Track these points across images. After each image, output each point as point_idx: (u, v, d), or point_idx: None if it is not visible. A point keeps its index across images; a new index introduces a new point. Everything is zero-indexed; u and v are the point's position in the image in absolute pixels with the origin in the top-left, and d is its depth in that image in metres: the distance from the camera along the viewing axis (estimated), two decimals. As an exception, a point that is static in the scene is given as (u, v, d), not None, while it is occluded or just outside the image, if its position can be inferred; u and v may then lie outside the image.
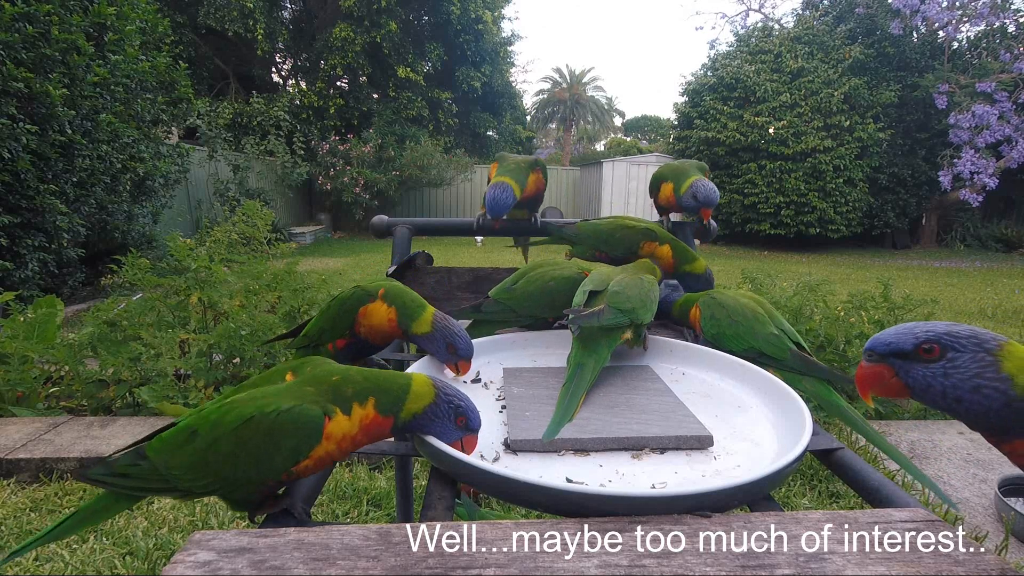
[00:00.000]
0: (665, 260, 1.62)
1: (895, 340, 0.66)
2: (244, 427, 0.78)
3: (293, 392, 0.83)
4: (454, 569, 0.64)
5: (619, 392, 1.16)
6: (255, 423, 0.78)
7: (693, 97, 18.09)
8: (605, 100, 47.55)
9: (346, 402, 0.83)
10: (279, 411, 0.79)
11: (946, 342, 0.64)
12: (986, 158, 14.82)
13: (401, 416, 0.86)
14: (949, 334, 0.64)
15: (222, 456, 0.78)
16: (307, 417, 0.80)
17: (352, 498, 2.96)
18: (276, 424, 0.78)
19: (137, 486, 0.82)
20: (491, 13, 20.71)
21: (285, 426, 0.78)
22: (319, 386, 0.85)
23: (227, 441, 0.78)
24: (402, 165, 17.61)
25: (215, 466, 0.79)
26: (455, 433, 0.89)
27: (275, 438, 0.78)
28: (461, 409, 0.88)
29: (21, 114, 5.88)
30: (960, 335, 0.64)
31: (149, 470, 0.81)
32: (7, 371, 3.65)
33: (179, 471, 0.79)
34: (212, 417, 0.80)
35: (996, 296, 9.79)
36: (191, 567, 0.64)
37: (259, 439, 0.78)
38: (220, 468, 0.79)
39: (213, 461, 0.79)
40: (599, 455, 0.95)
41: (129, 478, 0.82)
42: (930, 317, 4.17)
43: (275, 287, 4.61)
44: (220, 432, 0.79)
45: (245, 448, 0.78)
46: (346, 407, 0.83)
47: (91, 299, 7.33)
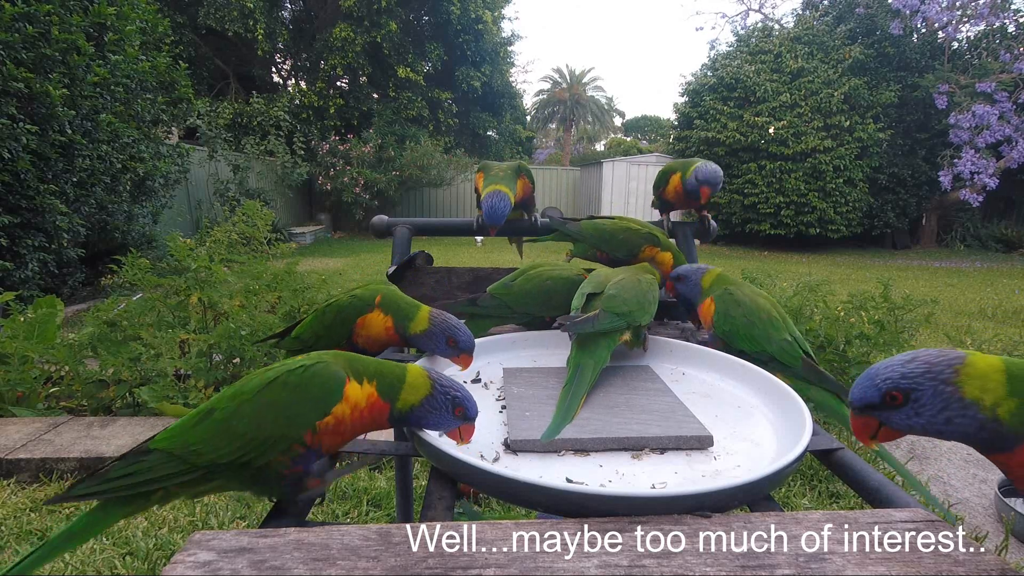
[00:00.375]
0: (665, 267, 1.62)
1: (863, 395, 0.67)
2: (269, 387, 0.80)
3: (309, 357, 0.86)
4: (454, 569, 0.64)
5: (619, 392, 1.16)
6: (280, 381, 0.80)
7: (693, 97, 18.09)
8: (605, 100, 47.57)
9: (358, 374, 0.86)
10: (304, 367, 0.81)
11: (904, 386, 0.64)
12: (986, 158, 14.82)
13: (397, 406, 0.88)
14: (905, 377, 0.64)
15: (247, 418, 0.79)
16: (331, 371, 0.83)
17: (352, 498, 2.96)
18: (303, 378, 0.80)
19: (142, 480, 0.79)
20: (491, 13, 20.71)
21: (312, 379, 0.81)
22: (335, 357, 0.87)
23: (251, 404, 0.79)
24: (402, 165, 17.60)
25: (240, 429, 0.78)
26: (453, 423, 0.90)
27: (302, 391, 0.80)
28: (459, 399, 0.89)
29: (21, 114, 5.87)
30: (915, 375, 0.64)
31: (157, 460, 0.80)
32: (7, 371, 3.65)
33: (199, 445, 0.79)
34: (227, 392, 0.81)
35: (996, 296, 9.79)
36: (191, 567, 0.64)
37: (285, 394, 0.80)
38: (246, 430, 0.78)
39: (237, 425, 0.79)
40: (599, 455, 0.95)
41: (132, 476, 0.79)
42: (930, 317, 4.16)
43: (275, 287, 4.61)
44: (242, 399, 0.80)
45: (272, 406, 0.79)
46: (359, 378, 0.86)
47: (91, 299, 7.33)
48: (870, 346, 3.96)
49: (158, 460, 0.79)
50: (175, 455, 0.79)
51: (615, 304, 1.25)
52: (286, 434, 0.80)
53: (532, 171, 1.89)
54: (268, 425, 0.79)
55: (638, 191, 18.84)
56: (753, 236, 17.18)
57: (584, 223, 1.73)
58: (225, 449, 0.78)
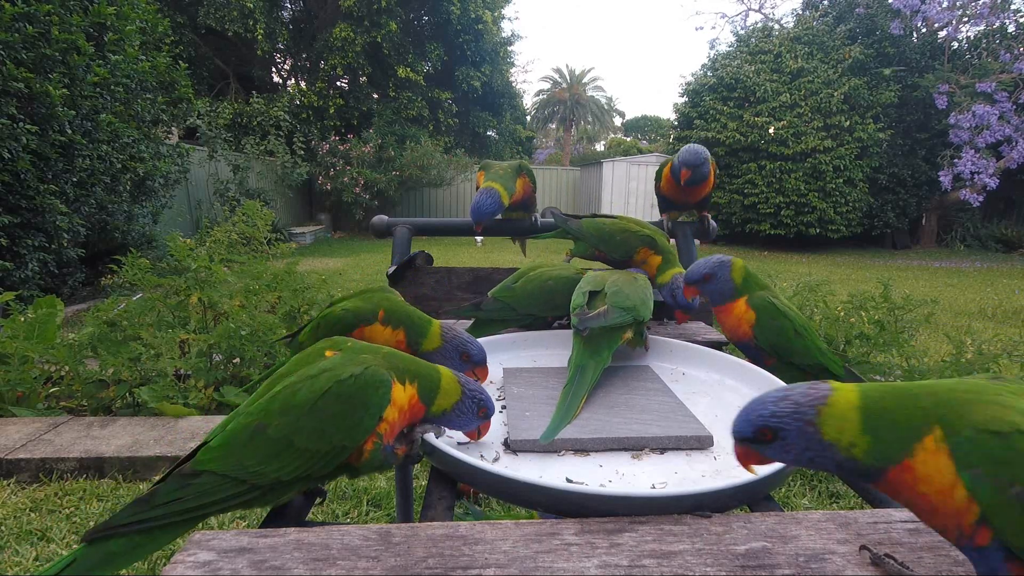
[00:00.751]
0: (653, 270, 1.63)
1: (739, 429, 0.69)
2: (324, 400, 0.79)
3: (354, 360, 0.85)
4: (454, 569, 0.64)
5: (619, 392, 1.16)
6: (334, 392, 0.80)
7: (693, 97, 18.09)
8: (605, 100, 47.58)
9: (399, 375, 0.87)
10: (355, 375, 0.81)
11: (772, 425, 0.66)
12: (986, 158, 14.81)
13: (432, 409, 0.91)
14: (774, 416, 0.65)
15: (308, 432, 0.78)
16: (380, 376, 0.83)
17: (352, 498, 2.96)
18: (356, 386, 0.81)
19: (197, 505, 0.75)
20: (491, 13, 20.71)
21: (366, 387, 0.81)
22: (374, 355, 0.88)
23: (310, 418, 0.79)
24: (402, 165, 17.60)
25: (302, 444, 0.78)
26: (475, 423, 0.96)
27: (359, 399, 0.80)
28: (483, 401, 0.94)
29: (21, 114, 5.87)
30: (783, 414, 0.65)
31: (212, 483, 0.76)
32: (7, 371, 3.65)
33: (260, 465, 0.77)
34: (275, 406, 0.80)
35: (996, 296, 9.79)
36: (191, 567, 0.64)
37: (342, 405, 0.80)
38: (308, 444, 0.78)
39: (300, 441, 0.78)
40: (599, 455, 0.95)
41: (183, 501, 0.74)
42: (930, 317, 4.16)
43: (275, 287, 4.61)
44: (298, 413, 0.79)
45: (332, 418, 0.79)
46: (401, 379, 0.87)
47: (91, 299, 7.33)
48: (870, 346, 3.96)
49: (213, 483, 0.76)
50: (231, 477, 0.76)
51: (621, 300, 1.26)
52: (347, 445, 0.80)
53: (533, 171, 1.89)
54: (331, 437, 0.79)
55: (638, 191, 18.84)
56: (753, 236, 17.17)
57: (585, 221, 1.73)
58: (290, 466, 0.78)
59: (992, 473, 0.55)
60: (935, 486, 0.58)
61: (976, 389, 0.62)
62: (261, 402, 0.82)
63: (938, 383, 0.64)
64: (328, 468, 0.81)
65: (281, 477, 0.78)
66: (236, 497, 0.77)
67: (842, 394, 0.65)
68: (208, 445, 0.80)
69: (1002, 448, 0.55)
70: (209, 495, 0.76)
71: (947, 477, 0.57)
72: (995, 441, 0.56)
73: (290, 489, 0.81)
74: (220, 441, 0.80)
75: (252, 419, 0.80)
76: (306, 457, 0.78)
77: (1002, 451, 0.55)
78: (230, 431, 0.80)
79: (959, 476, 0.56)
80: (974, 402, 0.60)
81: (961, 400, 0.61)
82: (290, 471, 0.78)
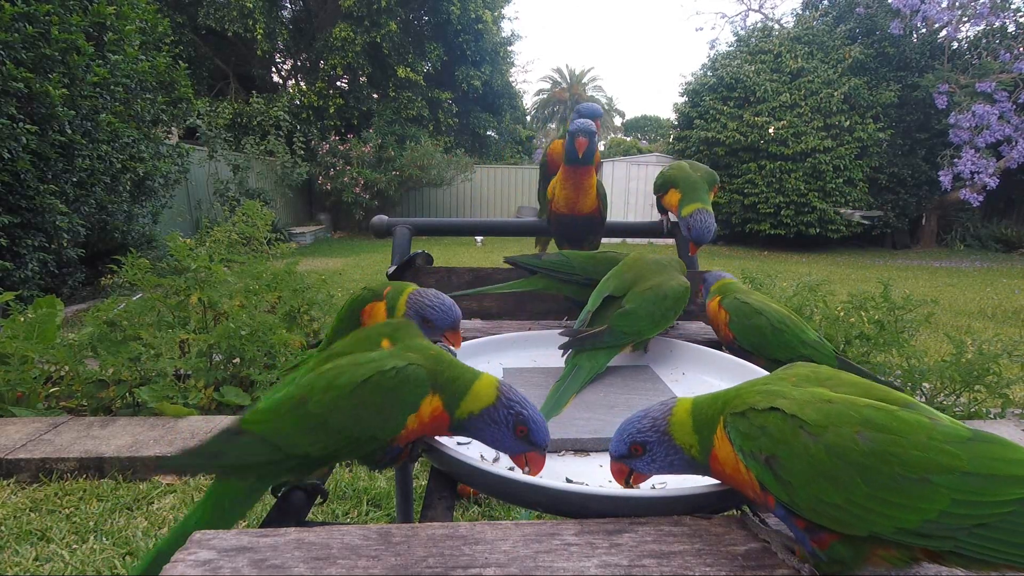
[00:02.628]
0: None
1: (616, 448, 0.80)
2: (364, 387, 0.81)
3: (401, 356, 0.86)
4: (454, 569, 0.64)
5: (619, 392, 1.16)
6: (375, 382, 0.81)
7: (693, 97, 18.08)
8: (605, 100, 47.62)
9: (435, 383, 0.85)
10: (398, 369, 0.82)
11: (640, 440, 0.78)
12: (986, 158, 14.81)
13: (457, 414, 0.85)
14: (640, 432, 0.78)
15: (344, 415, 0.80)
16: (420, 377, 0.83)
17: (352, 498, 2.96)
18: (397, 380, 0.82)
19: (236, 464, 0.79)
20: (491, 13, 20.71)
21: (403, 383, 0.82)
22: (422, 354, 0.88)
23: (348, 400, 0.80)
24: (402, 165, 17.60)
25: (336, 425, 0.80)
26: (516, 445, 0.83)
27: (397, 393, 0.81)
28: (523, 418, 0.82)
29: (21, 114, 5.87)
30: (646, 429, 0.78)
31: (252, 443, 0.79)
32: (7, 371, 3.64)
33: (296, 437, 0.79)
34: (320, 384, 0.82)
35: (996, 296, 9.79)
36: (191, 566, 0.64)
37: (381, 396, 0.81)
38: (343, 426, 0.80)
39: (335, 422, 0.80)
40: (599, 455, 0.95)
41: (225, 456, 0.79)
42: (930, 317, 4.16)
43: (275, 287, 4.61)
44: (337, 393, 0.80)
45: (369, 406, 0.80)
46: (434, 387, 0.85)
47: (91, 299, 7.33)
48: (870, 346, 3.96)
49: (253, 444, 0.79)
50: (269, 442, 0.79)
51: (625, 323, 1.24)
52: (376, 436, 0.82)
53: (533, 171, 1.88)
54: (364, 424, 0.81)
55: (638, 191, 18.83)
56: (753, 236, 17.18)
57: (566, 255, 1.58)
58: (320, 443, 0.80)
59: (749, 448, 0.66)
60: (731, 466, 0.70)
61: (760, 381, 0.75)
62: (311, 376, 0.84)
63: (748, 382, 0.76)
64: (355, 455, 0.83)
65: (311, 452, 0.80)
66: (268, 464, 0.80)
67: (681, 404, 0.79)
68: (256, 408, 0.83)
69: (746, 426, 0.67)
70: (248, 455, 0.79)
71: (733, 456, 0.69)
72: (741, 421, 0.68)
73: (316, 466, 0.84)
74: (266, 405, 0.82)
75: (299, 390, 0.82)
76: (336, 438, 0.80)
77: (747, 428, 0.67)
78: (278, 398, 0.83)
79: (737, 455, 0.68)
80: (745, 392, 0.72)
81: (739, 392, 0.73)
82: (319, 448, 0.80)
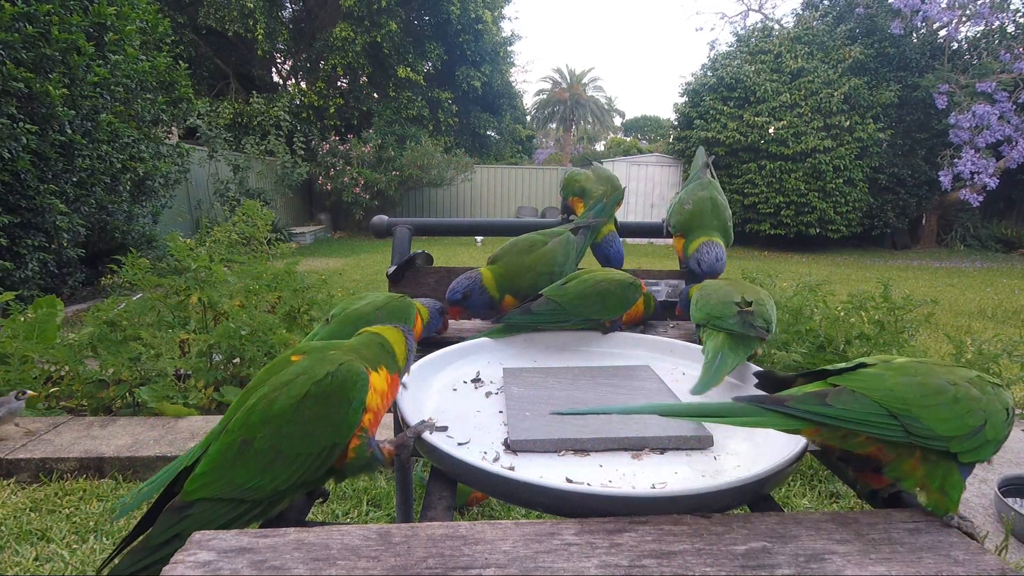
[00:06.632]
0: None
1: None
2: (304, 403, 0.79)
3: (324, 359, 0.85)
4: (454, 569, 0.64)
5: (619, 392, 1.16)
6: (313, 394, 0.80)
7: (693, 97, 18.07)
8: (605, 100, 47.60)
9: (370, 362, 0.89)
10: (330, 373, 0.82)
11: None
12: (986, 158, 14.81)
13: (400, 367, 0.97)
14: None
15: (297, 438, 0.78)
16: (355, 369, 0.84)
17: (352, 498, 2.96)
18: (335, 384, 0.81)
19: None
20: (491, 13, 20.70)
21: (343, 382, 0.82)
22: (341, 350, 0.89)
23: (295, 423, 0.78)
24: (402, 165, 17.59)
25: (294, 450, 0.77)
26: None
27: (339, 396, 0.81)
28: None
29: (21, 114, 5.87)
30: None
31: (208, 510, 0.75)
32: (7, 371, 3.64)
33: (254, 480, 0.76)
34: (255, 418, 0.78)
35: (996, 296, 9.79)
36: (191, 567, 0.64)
37: (324, 406, 0.80)
38: (299, 450, 0.77)
39: (289, 448, 0.77)
40: (599, 455, 0.95)
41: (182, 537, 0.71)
42: (930, 317, 4.15)
43: (275, 287, 4.61)
44: (280, 421, 0.78)
45: (316, 420, 0.79)
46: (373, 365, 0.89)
47: (91, 299, 7.33)
48: (870, 346, 3.96)
49: (209, 510, 0.75)
50: (227, 499, 0.75)
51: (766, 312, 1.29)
52: (338, 441, 0.81)
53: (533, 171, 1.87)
54: (319, 439, 0.79)
55: (638, 191, 18.82)
56: (753, 236, 17.17)
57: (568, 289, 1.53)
58: (284, 474, 0.77)
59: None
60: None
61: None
62: (238, 417, 0.80)
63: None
64: (323, 470, 0.80)
65: (277, 487, 0.77)
66: (237, 518, 0.76)
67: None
68: (193, 473, 0.77)
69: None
70: (208, 523, 0.74)
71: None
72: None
73: (288, 496, 0.81)
74: (205, 466, 0.77)
75: (235, 436, 0.78)
76: (299, 463, 0.78)
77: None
78: (213, 453, 0.78)
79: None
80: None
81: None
82: (285, 479, 0.77)
